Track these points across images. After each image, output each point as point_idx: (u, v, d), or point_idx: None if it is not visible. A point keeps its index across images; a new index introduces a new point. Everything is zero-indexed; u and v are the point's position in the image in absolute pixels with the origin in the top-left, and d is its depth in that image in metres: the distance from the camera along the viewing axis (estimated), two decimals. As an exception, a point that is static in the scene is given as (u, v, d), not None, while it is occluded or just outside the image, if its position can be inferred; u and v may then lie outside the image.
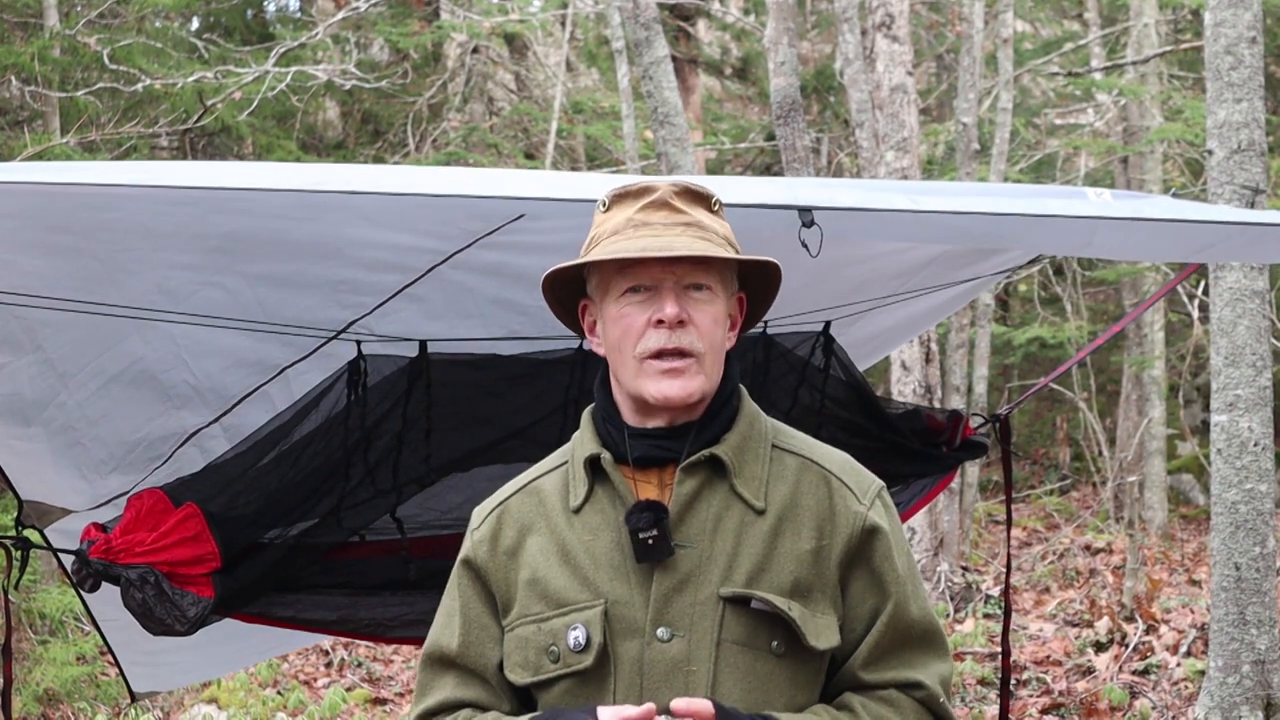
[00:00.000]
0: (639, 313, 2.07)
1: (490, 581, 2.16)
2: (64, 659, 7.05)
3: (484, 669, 2.15)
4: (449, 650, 2.16)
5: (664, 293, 2.06)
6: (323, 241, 3.08)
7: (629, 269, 2.07)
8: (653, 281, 2.07)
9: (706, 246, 2.06)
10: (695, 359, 2.07)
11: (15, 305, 2.99)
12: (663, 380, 2.06)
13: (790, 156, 7.91)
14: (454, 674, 2.16)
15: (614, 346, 2.11)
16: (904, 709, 2.10)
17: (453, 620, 2.18)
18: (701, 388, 2.08)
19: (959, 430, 4.38)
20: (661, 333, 2.06)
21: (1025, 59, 13.47)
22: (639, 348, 2.07)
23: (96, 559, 3.03)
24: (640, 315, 2.07)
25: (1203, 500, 12.36)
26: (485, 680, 2.15)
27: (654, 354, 2.06)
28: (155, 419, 3.42)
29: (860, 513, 2.12)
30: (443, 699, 2.15)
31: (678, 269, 2.06)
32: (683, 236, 2.06)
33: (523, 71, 14.60)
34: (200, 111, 9.91)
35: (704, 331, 2.07)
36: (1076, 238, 3.28)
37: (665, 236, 2.06)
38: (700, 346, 2.07)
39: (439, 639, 2.19)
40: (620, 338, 2.09)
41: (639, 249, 2.04)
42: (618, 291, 2.09)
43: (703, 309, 2.08)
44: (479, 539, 2.19)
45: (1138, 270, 11.99)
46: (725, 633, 2.05)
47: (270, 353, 3.42)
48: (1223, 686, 6.11)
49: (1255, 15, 6.00)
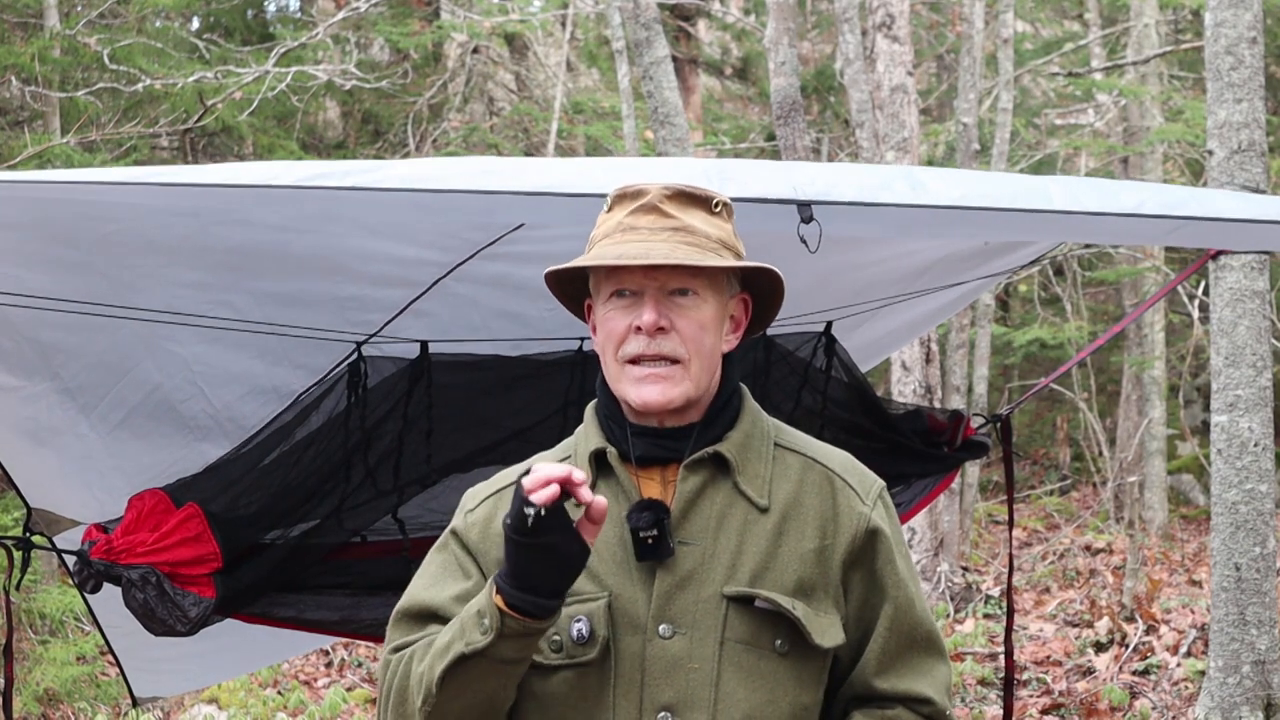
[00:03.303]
0: (622, 318, 2.07)
1: (480, 559, 2.14)
2: (64, 659, 7.05)
3: None
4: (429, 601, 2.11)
5: (645, 299, 2.05)
6: (326, 255, 3.08)
7: (614, 273, 2.07)
8: (636, 287, 2.06)
9: (688, 253, 2.04)
10: (679, 365, 2.06)
11: (25, 311, 2.98)
12: (643, 385, 2.06)
13: (790, 157, 7.91)
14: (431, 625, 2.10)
15: (600, 349, 2.12)
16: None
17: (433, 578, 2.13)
18: (685, 393, 2.07)
19: (960, 430, 4.39)
20: (641, 339, 2.05)
21: (1025, 59, 13.47)
22: (620, 352, 2.07)
23: (98, 559, 3.03)
24: (622, 320, 2.07)
25: (1203, 500, 12.36)
26: None
27: (633, 359, 2.06)
28: (177, 452, 3.43)
29: (863, 513, 2.12)
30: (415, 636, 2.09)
31: (660, 275, 2.05)
32: (666, 243, 2.04)
33: (523, 71, 14.60)
34: (200, 112, 9.90)
35: (687, 337, 2.06)
36: (1071, 226, 3.26)
37: (648, 242, 2.04)
38: (682, 352, 2.06)
39: (416, 594, 2.13)
40: (604, 341, 2.10)
41: (615, 256, 2.03)
42: (605, 295, 2.09)
43: (687, 314, 2.06)
44: (471, 520, 2.17)
45: (1138, 271, 12.00)
46: (729, 631, 2.05)
47: (282, 377, 3.43)
48: (1223, 687, 6.12)
49: (1255, 15, 6.00)
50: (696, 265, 2.04)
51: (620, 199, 2.12)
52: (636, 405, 2.07)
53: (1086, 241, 9.40)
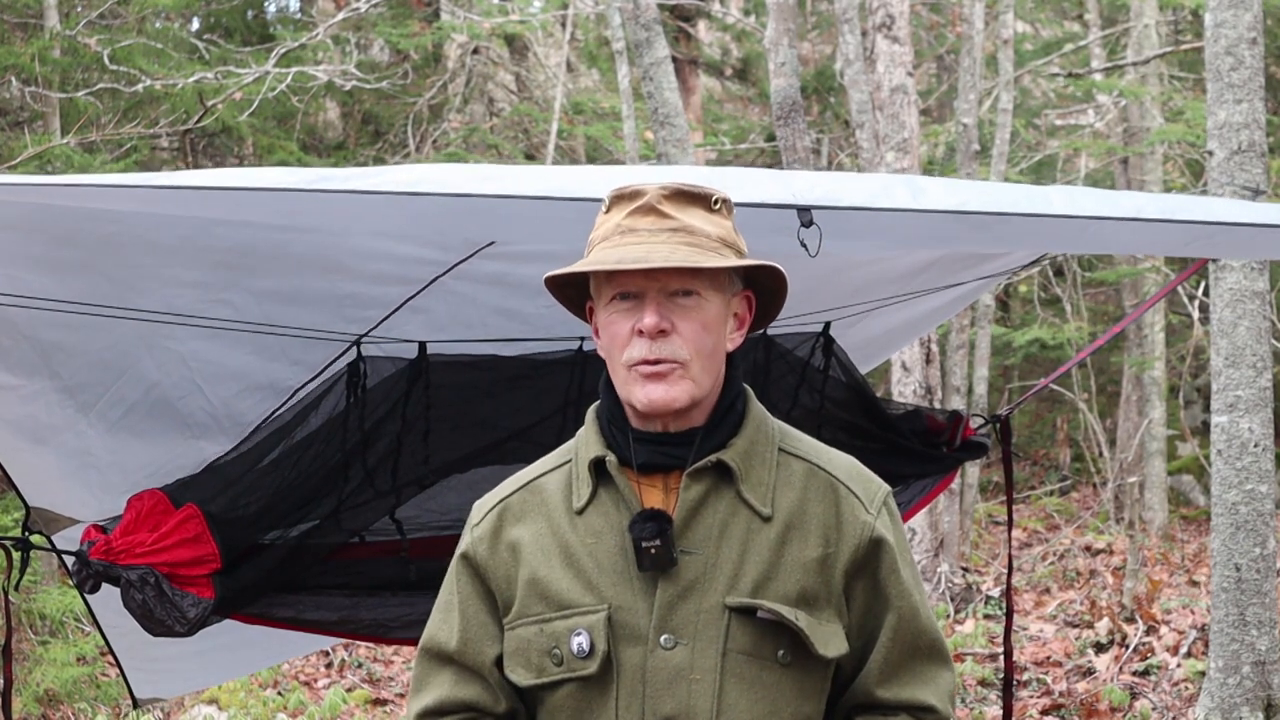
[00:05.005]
0: (624, 321, 2.05)
1: (489, 578, 2.15)
2: (64, 659, 7.04)
3: (481, 666, 2.13)
4: (447, 646, 2.15)
5: (647, 302, 2.04)
6: (324, 254, 3.08)
7: (615, 276, 2.05)
8: (637, 289, 2.04)
9: (688, 254, 2.02)
10: (680, 366, 2.04)
11: (25, 312, 2.99)
12: (647, 384, 2.04)
13: (791, 157, 7.91)
14: (451, 670, 2.15)
15: (605, 353, 2.10)
16: None
17: (451, 615, 2.16)
18: (689, 393, 2.05)
19: (959, 431, 4.39)
20: (643, 342, 2.04)
21: (1025, 60, 13.47)
22: (625, 356, 2.05)
23: (97, 560, 3.03)
24: (625, 323, 2.05)
25: (1203, 501, 12.36)
26: (483, 678, 2.14)
27: (637, 362, 2.05)
28: (175, 449, 3.43)
29: (867, 522, 2.10)
30: (441, 697, 2.14)
31: (661, 276, 2.03)
32: (665, 244, 2.02)
33: (523, 72, 14.59)
34: (201, 112, 9.90)
35: (689, 338, 2.04)
36: (1073, 235, 3.27)
37: (647, 244, 2.02)
38: (685, 354, 2.04)
39: (436, 634, 2.18)
40: (609, 345, 2.08)
41: (615, 260, 2.01)
42: (606, 298, 2.08)
43: (689, 316, 2.04)
44: (479, 535, 2.17)
45: (1138, 271, 11.99)
46: (731, 642, 2.04)
47: (280, 374, 3.43)
48: (1223, 687, 6.11)
49: (1255, 16, 6.00)
50: (696, 267, 2.02)
51: (618, 200, 2.10)
52: (642, 407, 2.06)
53: (1089, 252, 9.39)
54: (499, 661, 2.13)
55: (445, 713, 2.14)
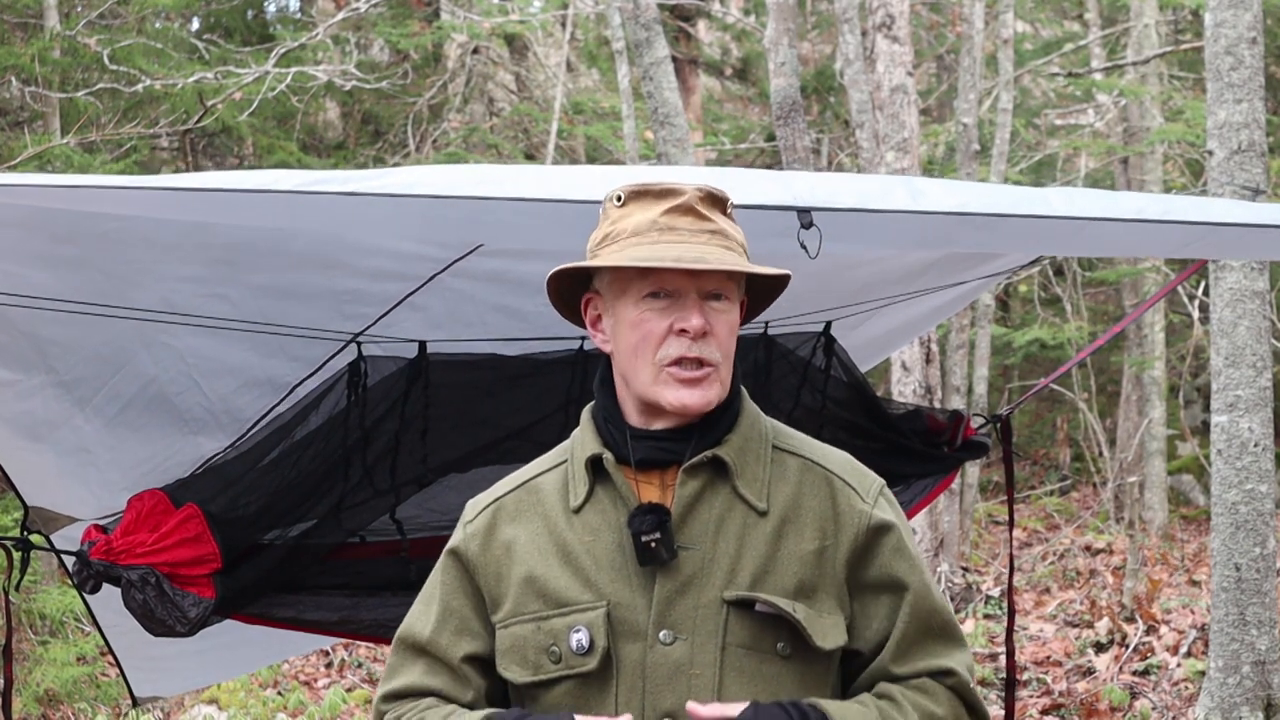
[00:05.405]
0: (660, 319, 2.05)
1: (478, 575, 2.16)
2: (64, 659, 7.05)
3: (451, 659, 2.15)
4: (420, 637, 2.17)
5: (688, 303, 2.04)
6: (323, 251, 3.08)
7: (652, 273, 2.04)
8: (675, 288, 2.04)
9: (736, 259, 2.05)
10: (713, 368, 2.06)
11: (23, 309, 2.99)
12: (681, 389, 2.05)
13: (790, 157, 7.91)
14: (424, 661, 2.17)
15: (629, 350, 2.08)
16: (939, 696, 2.11)
17: (430, 608, 2.19)
18: (719, 395, 2.07)
19: (960, 430, 4.39)
20: (683, 341, 2.04)
21: (1025, 59, 13.47)
22: (659, 354, 2.05)
23: (97, 560, 3.03)
24: (661, 322, 2.05)
25: (1203, 501, 12.36)
26: (452, 670, 2.16)
27: (674, 361, 2.05)
28: (174, 444, 3.42)
29: (865, 511, 2.12)
30: (409, 683, 2.17)
31: (703, 277, 2.04)
32: (712, 246, 2.04)
33: (523, 72, 14.60)
34: (200, 112, 9.90)
35: (721, 341, 2.07)
36: (1070, 236, 3.27)
37: (695, 245, 2.03)
38: (718, 356, 2.06)
39: (413, 625, 2.20)
40: (639, 343, 2.06)
41: (674, 258, 2.01)
42: (637, 295, 2.06)
43: (721, 318, 2.07)
44: (471, 532, 2.19)
45: (1138, 271, 11.99)
46: (730, 636, 2.05)
47: (277, 369, 3.43)
48: (1223, 687, 6.12)
49: (1255, 16, 6.00)
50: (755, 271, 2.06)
51: (642, 195, 2.09)
52: (674, 408, 2.06)
53: (1088, 254, 9.39)
54: (470, 658, 2.15)
55: (410, 695, 2.17)
